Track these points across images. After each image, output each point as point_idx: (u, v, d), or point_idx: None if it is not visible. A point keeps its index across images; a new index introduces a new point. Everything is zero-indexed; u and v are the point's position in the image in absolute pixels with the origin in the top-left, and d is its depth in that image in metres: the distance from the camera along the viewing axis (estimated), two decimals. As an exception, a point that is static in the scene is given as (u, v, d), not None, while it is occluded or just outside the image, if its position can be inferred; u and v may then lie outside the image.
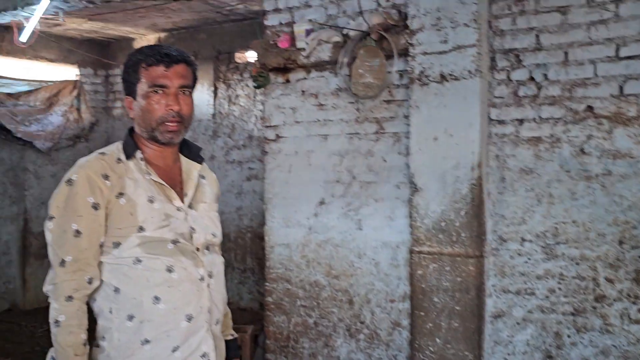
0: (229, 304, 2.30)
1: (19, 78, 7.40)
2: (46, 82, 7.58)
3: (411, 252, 4.04)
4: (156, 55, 1.97)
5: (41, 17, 5.78)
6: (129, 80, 2.02)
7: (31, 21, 5.80)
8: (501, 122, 3.87)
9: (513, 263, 3.83)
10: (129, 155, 2.00)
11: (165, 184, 2.01)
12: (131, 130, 2.08)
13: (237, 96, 7.26)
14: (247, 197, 7.18)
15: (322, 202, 4.53)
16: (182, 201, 2.03)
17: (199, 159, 2.16)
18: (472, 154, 3.81)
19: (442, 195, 3.91)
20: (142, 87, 1.98)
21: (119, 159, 1.99)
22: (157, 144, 2.03)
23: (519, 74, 3.81)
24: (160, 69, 1.96)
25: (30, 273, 7.56)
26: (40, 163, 7.71)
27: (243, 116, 7.21)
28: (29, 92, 7.35)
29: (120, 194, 1.93)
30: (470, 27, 3.80)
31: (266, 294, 4.81)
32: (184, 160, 2.14)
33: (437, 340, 3.93)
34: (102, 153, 2.01)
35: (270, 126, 4.77)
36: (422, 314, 3.99)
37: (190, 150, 2.16)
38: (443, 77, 3.90)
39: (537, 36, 3.75)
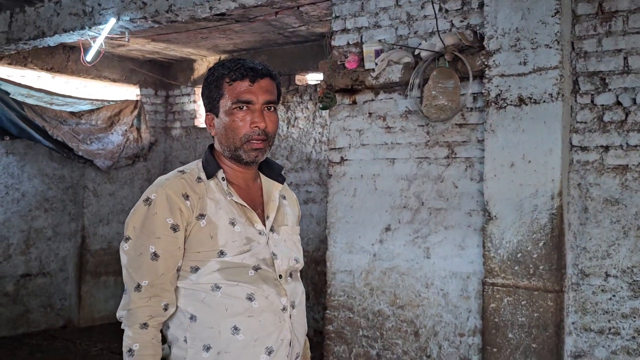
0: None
1: (82, 97, 7.50)
2: (108, 101, 7.67)
3: (484, 283, 3.82)
4: (240, 69, 1.85)
5: (106, 38, 5.81)
6: (210, 97, 1.90)
7: (97, 41, 5.83)
8: (584, 148, 3.65)
9: (596, 300, 3.59)
10: (210, 174, 1.88)
11: (247, 206, 1.88)
12: (211, 148, 1.97)
13: (296, 118, 7.19)
14: (304, 221, 7.05)
15: (387, 228, 4.36)
16: (264, 224, 1.90)
17: (280, 179, 2.03)
18: (552, 181, 3.60)
19: (518, 224, 3.70)
20: (225, 103, 1.86)
21: (199, 178, 1.87)
22: (239, 163, 1.90)
23: (604, 98, 3.60)
24: (245, 84, 1.85)
25: (86, 291, 7.58)
26: (99, 181, 7.77)
27: (302, 139, 7.12)
28: (91, 111, 7.44)
29: (201, 215, 1.80)
30: (552, 48, 3.62)
31: (326, 322, 4.64)
32: (264, 179, 2.01)
33: (511, 378, 3.70)
34: (182, 171, 1.89)
35: (335, 148, 4.64)
36: (495, 350, 3.76)
37: (272, 169, 2.03)
38: (521, 101, 3.71)
39: (625, 58, 3.53)
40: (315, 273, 7.01)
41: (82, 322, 7.47)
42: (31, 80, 7.34)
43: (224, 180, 1.88)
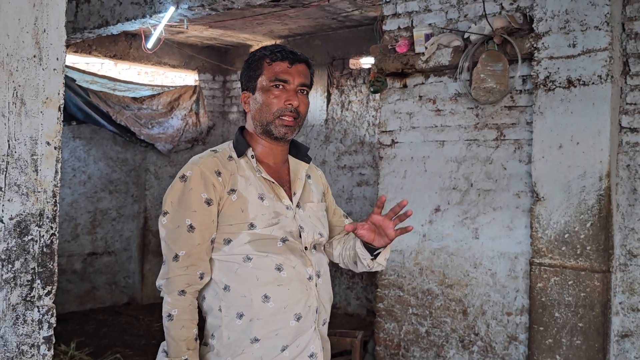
0: (337, 308, 2.28)
1: (143, 83, 7.79)
2: (168, 87, 7.94)
3: (531, 263, 3.88)
4: (282, 52, 2.01)
5: (166, 25, 6.04)
6: (249, 75, 2.05)
7: (157, 28, 6.06)
8: (633, 130, 3.65)
9: (643, 280, 3.61)
10: (240, 153, 2.02)
11: (275, 182, 2.02)
12: (241, 130, 2.11)
13: (350, 102, 7.29)
14: (358, 203, 7.18)
15: (437, 209, 4.45)
16: (291, 200, 2.04)
17: (306, 159, 2.17)
18: (601, 163, 3.62)
19: (566, 205, 3.73)
20: (262, 81, 2.01)
21: (230, 157, 2.02)
22: (270, 139, 2.04)
23: (654, 79, 3.59)
24: (284, 65, 2.00)
25: (149, 269, 7.91)
26: (160, 164, 8.06)
27: (355, 122, 7.22)
28: (152, 97, 7.72)
29: (232, 191, 1.94)
30: (601, 30, 3.62)
31: (377, 300, 4.77)
32: (292, 160, 2.15)
33: (557, 357, 3.75)
34: (214, 150, 2.04)
35: (386, 131, 4.74)
36: (542, 329, 3.82)
37: (299, 150, 2.17)
38: (570, 83, 3.73)
39: (676, 39, 3.52)
40: (368, 254, 7.13)
41: (145, 300, 7.82)
42: (95, 67, 7.67)
43: (253, 158, 2.02)
